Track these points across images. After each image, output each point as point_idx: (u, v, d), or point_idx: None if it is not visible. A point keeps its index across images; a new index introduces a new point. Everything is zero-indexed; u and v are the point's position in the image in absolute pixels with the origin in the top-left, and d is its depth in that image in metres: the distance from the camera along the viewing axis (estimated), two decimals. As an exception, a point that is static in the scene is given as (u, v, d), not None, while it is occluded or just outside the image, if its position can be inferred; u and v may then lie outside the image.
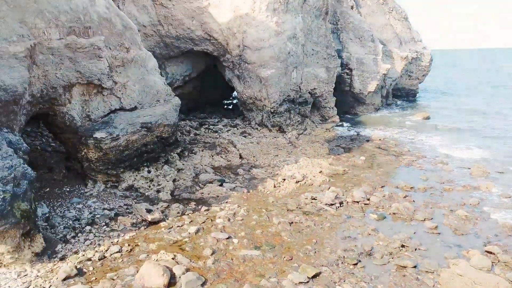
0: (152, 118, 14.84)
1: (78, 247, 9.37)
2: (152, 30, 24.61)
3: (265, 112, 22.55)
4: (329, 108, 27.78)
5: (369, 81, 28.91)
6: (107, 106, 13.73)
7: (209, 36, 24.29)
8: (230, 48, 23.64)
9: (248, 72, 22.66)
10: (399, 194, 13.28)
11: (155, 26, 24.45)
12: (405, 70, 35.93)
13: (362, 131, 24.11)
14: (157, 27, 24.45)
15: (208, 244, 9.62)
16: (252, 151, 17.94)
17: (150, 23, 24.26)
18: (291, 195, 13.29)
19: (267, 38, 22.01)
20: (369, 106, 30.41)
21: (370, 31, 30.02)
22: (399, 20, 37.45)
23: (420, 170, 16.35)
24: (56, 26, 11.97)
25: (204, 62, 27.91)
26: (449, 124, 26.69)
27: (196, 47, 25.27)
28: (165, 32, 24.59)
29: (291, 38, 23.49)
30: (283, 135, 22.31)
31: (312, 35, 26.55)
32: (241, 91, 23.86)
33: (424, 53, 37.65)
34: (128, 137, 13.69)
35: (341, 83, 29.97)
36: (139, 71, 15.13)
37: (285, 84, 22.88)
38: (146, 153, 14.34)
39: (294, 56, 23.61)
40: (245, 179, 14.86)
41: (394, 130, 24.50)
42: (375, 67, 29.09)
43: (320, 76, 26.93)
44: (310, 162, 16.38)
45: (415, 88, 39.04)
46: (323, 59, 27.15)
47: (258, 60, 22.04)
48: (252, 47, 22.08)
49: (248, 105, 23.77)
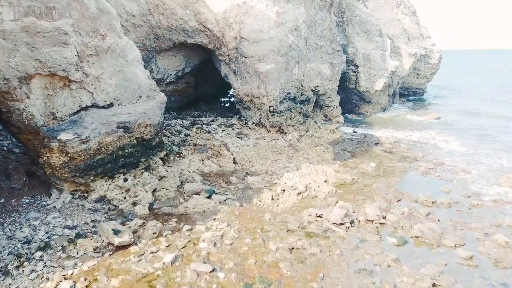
0: (131, 117, 12.75)
1: (19, 283, 7.29)
2: (142, 20, 22.45)
3: (264, 111, 20.46)
4: (333, 107, 25.74)
5: (376, 78, 26.80)
6: (76, 103, 11.63)
7: (203, 27, 22.17)
8: (226, 40, 21.54)
9: (245, 66, 20.56)
10: (420, 211, 11.19)
11: (144, 16, 22.28)
12: (413, 68, 33.80)
13: (370, 132, 22.02)
14: (147, 16, 22.29)
15: (185, 280, 7.55)
16: (248, 155, 15.84)
17: (139, 12, 22.09)
18: (291, 210, 11.22)
19: (266, 29, 19.90)
20: (375, 106, 28.30)
21: (378, 25, 27.90)
22: (407, 15, 35.29)
23: (439, 179, 14.27)
24: (9, 5, 9.87)
25: (198, 56, 25.81)
26: (463, 126, 24.55)
27: (189, 39, 23.16)
28: (155, 23, 22.44)
29: (293, 30, 21.39)
30: (283, 136, 20.24)
31: (316, 27, 24.45)
32: (238, 88, 21.78)
33: (433, 50, 35.52)
34: (100, 139, 11.60)
35: (345, 81, 27.89)
36: (117, 62, 13.03)
37: (285, 81, 20.78)
38: (122, 158, 12.25)
39: (296, 50, 21.51)
40: (238, 189, 12.78)
41: (404, 132, 22.40)
42: (382, 64, 26.98)
43: (323, 72, 24.86)
44: (313, 169, 14.29)
45: (423, 87, 36.92)
46: (327, 54, 25.06)
47: (256, 53, 19.93)
48: (250, 39, 19.96)
49: (245, 103, 21.69)
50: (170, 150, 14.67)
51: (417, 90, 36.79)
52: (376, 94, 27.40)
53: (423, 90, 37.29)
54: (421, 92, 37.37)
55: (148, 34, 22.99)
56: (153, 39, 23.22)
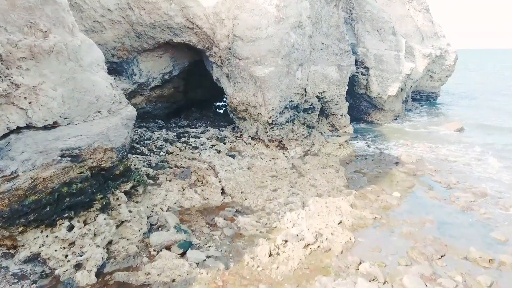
0: (83, 140, 9.58)
1: None
2: (120, 16, 19.24)
3: (261, 123, 17.28)
4: (340, 115, 22.53)
5: (389, 82, 23.61)
6: (1, 124, 8.47)
7: (191, 23, 18.98)
8: (217, 39, 18.36)
9: (240, 70, 17.38)
10: (479, 280, 7.99)
11: (123, 11, 19.07)
12: (427, 70, 30.64)
13: (386, 147, 18.86)
14: (126, 11, 19.08)
15: None
16: (240, 183, 12.63)
17: (117, 6, 18.88)
18: (297, 276, 8.05)
19: (264, 26, 16.71)
20: (387, 113, 25.10)
21: (391, 22, 24.72)
22: (420, 11, 32.13)
23: (487, 219, 11.09)
24: None
25: (188, 57, 22.66)
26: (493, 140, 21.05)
27: (175, 37, 19.98)
28: (136, 19, 19.23)
29: (296, 27, 18.20)
30: (284, 152, 17.08)
31: (322, 24, 21.27)
32: (231, 94, 18.61)
33: (448, 51, 32.34)
34: (35, 173, 8.45)
35: (354, 85, 24.73)
36: (66, 67, 9.84)
37: (287, 87, 17.60)
38: (69, 197, 9.08)
39: (299, 50, 18.32)
40: (225, 237, 9.59)
41: (425, 147, 19.20)
42: (397, 66, 23.80)
43: (330, 76, 21.67)
44: (324, 205, 11.10)
45: (436, 91, 33.76)
46: (334, 55, 21.88)
47: (253, 54, 16.74)
48: (245, 38, 16.78)
49: (239, 113, 18.52)
50: (140, 180, 11.47)
51: (430, 94, 33.63)
52: (389, 100, 24.21)
53: (436, 94, 34.13)
54: (434, 96, 34.21)
55: (128, 32, 19.79)
56: (134, 38, 20.03)
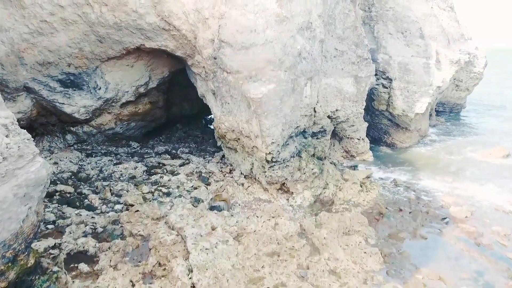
0: None
1: None
2: (75, 14, 14.85)
3: (258, 159, 12.77)
4: (358, 139, 18.06)
5: (417, 97, 19.09)
6: None
7: (167, 24, 14.58)
8: (199, 45, 13.92)
9: (228, 87, 12.90)
10: None
11: (79, 7, 14.69)
12: (453, 78, 26.11)
13: (422, 187, 14.36)
14: (82, 8, 14.70)
15: None
16: (222, 275, 8.08)
17: (70, 1, 14.53)
18: None
19: (261, 27, 12.22)
20: (412, 134, 20.57)
21: (418, 22, 20.25)
22: (445, 9, 27.55)
23: None
24: None
25: (168, 64, 18.27)
26: None
27: (148, 42, 15.59)
28: (96, 17, 14.85)
29: (304, 29, 13.74)
30: (288, 198, 12.65)
31: (336, 25, 16.78)
32: (218, 117, 14.15)
33: (477, 56, 27.83)
34: None
35: (373, 99, 20.25)
36: None
37: (292, 109, 13.10)
38: None
39: (307, 59, 13.85)
40: None
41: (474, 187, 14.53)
42: (426, 77, 19.30)
43: (345, 90, 17.21)
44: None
45: (462, 102, 29.22)
46: (350, 64, 17.40)
47: (245, 67, 12.23)
48: (235, 44, 12.28)
49: (229, 142, 14.05)
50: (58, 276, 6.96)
51: (455, 105, 29.10)
52: (415, 119, 19.67)
53: (462, 105, 29.60)
54: (459, 108, 29.68)
55: (86, 35, 15.33)
56: (95, 42, 15.59)
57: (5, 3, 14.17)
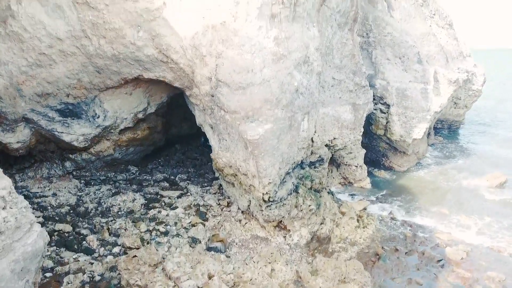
0: None
1: None
2: (74, 46, 14.90)
3: (255, 198, 12.85)
4: (355, 166, 18.15)
5: (414, 123, 19.19)
6: None
7: (165, 56, 14.63)
8: (197, 80, 13.99)
9: (226, 125, 12.98)
10: None
11: (78, 40, 14.71)
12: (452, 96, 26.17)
13: (418, 221, 14.43)
14: (81, 40, 14.73)
15: None
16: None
17: (69, 34, 14.53)
18: None
19: (258, 67, 12.29)
20: (410, 157, 20.66)
21: (416, 46, 20.32)
22: (443, 27, 27.66)
23: None
24: None
25: (167, 90, 18.32)
26: None
27: (146, 73, 15.64)
28: (94, 49, 14.89)
29: (301, 64, 13.80)
30: (285, 236, 12.73)
31: (333, 55, 16.86)
32: (216, 151, 14.23)
33: (475, 73, 27.91)
34: None
35: (370, 123, 20.33)
36: None
37: (289, 146, 13.18)
38: None
39: (305, 94, 13.94)
40: None
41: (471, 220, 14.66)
42: (424, 102, 19.39)
43: (343, 118, 17.29)
44: None
45: (460, 119, 29.31)
46: (348, 92, 17.47)
47: (242, 107, 12.31)
48: (232, 84, 12.36)
49: (226, 176, 14.12)
50: None
51: (454, 122, 29.20)
52: (413, 144, 19.76)
53: (460, 122, 29.70)
54: (458, 125, 29.79)
55: (85, 66, 15.39)
56: (94, 73, 15.65)
57: (3, 37, 14.20)
